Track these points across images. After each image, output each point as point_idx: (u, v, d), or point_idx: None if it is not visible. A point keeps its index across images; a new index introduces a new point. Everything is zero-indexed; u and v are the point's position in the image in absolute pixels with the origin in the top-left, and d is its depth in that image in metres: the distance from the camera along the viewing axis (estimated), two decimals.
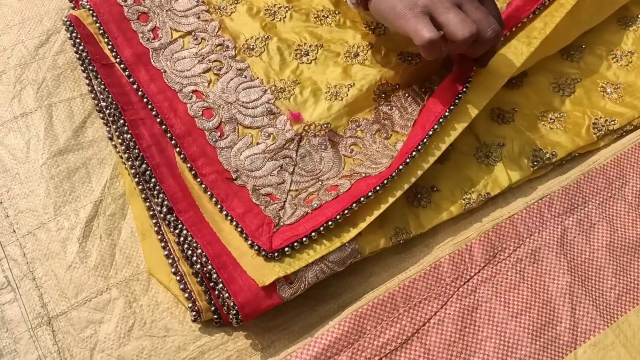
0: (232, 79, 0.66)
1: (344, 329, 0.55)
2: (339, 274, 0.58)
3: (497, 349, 0.55)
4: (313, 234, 0.55)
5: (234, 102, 0.64)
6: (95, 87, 0.65)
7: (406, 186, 0.58)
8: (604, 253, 0.61)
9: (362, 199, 0.56)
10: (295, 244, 0.54)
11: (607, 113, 0.69)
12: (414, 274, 0.58)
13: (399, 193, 0.58)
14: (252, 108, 0.64)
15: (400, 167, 0.57)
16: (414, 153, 0.58)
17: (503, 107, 0.68)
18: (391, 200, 0.57)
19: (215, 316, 0.55)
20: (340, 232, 0.56)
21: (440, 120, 0.59)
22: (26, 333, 0.54)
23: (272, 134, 0.62)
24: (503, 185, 0.63)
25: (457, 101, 0.60)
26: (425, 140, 0.59)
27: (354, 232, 0.56)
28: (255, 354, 0.55)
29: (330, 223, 0.55)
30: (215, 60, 0.67)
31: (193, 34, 0.68)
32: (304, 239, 0.55)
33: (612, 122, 0.68)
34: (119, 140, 0.61)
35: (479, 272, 0.59)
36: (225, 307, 0.54)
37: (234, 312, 0.52)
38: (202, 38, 0.68)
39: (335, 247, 0.55)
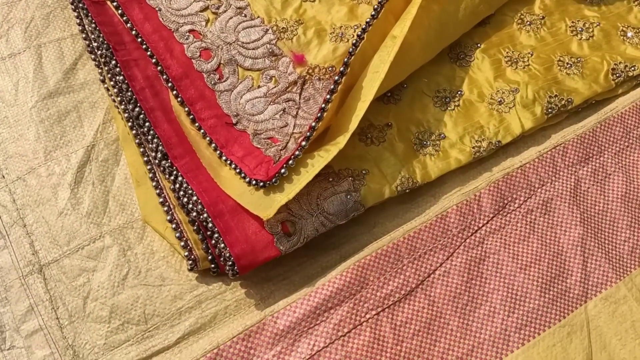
0: (231, 18, 0.62)
1: (346, 279, 0.53)
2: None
3: (504, 301, 0.54)
4: (303, 143, 0.52)
5: (234, 42, 0.61)
6: (86, 26, 0.62)
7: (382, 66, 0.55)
8: (619, 204, 0.59)
9: (332, 87, 0.54)
10: (290, 161, 0.52)
11: (627, 58, 0.65)
12: (420, 224, 0.56)
13: (383, 70, 0.54)
14: (253, 49, 0.60)
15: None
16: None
17: (517, 50, 0.65)
18: (375, 86, 0.54)
19: (213, 265, 0.53)
20: (335, 142, 0.53)
21: None
22: (17, 281, 0.53)
23: (274, 76, 0.59)
24: (515, 133, 0.60)
25: None
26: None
27: (347, 136, 0.53)
28: (254, 303, 0.53)
29: (314, 124, 0.53)
30: None
31: None
32: (297, 153, 0.52)
33: (632, 68, 0.64)
34: (112, 83, 0.59)
35: (487, 222, 0.57)
36: (222, 258, 0.52)
37: (230, 263, 0.51)
38: None
39: (333, 156, 0.52)
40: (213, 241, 0.52)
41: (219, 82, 0.59)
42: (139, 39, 0.60)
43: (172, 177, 0.54)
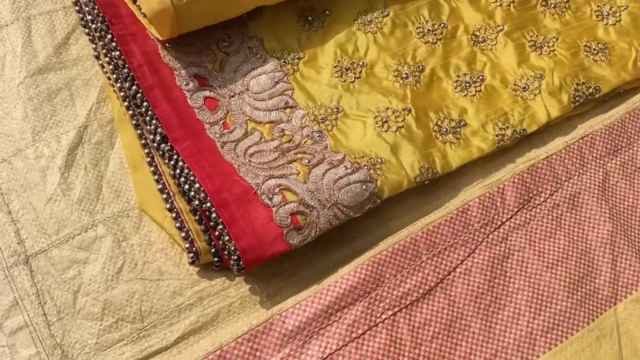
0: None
1: (360, 276, 0.49)
2: None
3: (529, 302, 0.50)
4: None
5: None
6: None
7: None
8: None
9: None
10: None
11: None
12: (439, 218, 0.52)
13: None
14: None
15: None
16: None
17: (542, 34, 0.61)
18: None
19: (216, 259, 0.49)
20: None
21: None
22: (0, 272, 0.49)
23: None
24: (541, 121, 0.57)
25: None
26: None
27: None
28: (260, 301, 0.50)
29: None
30: None
31: None
32: None
33: None
34: (107, 59, 0.55)
35: (511, 217, 0.53)
36: (226, 252, 0.48)
37: (235, 257, 0.47)
38: None
39: None
40: (217, 232, 0.48)
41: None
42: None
43: (172, 162, 0.50)
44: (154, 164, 0.52)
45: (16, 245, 0.50)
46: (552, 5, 0.63)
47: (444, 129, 0.56)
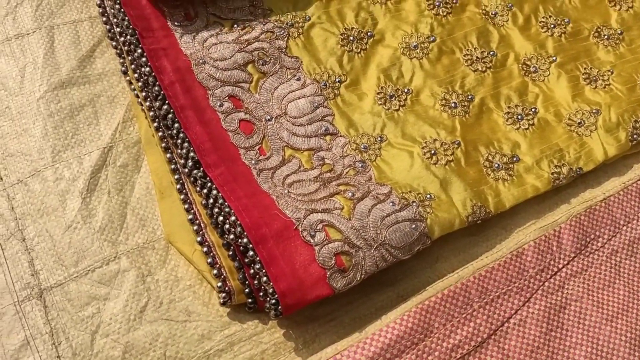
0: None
1: (407, 324, 0.45)
2: None
3: (588, 358, 0.46)
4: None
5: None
6: (108, 8, 0.56)
7: None
8: None
9: None
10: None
11: None
12: (492, 262, 0.48)
13: None
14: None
15: None
16: None
17: (596, 67, 0.58)
18: None
19: (250, 300, 0.45)
20: None
21: None
22: (11, 307, 0.46)
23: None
24: (598, 160, 0.54)
25: None
26: None
27: None
28: (296, 348, 0.46)
29: None
30: None
31: None
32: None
33: None
34: (135, 75, 0.52)
35: (568, 263, 0.50)
36: (262, 293, 0.43)
37: (273, 301, 0.43)
38: None
39: None
40: (252, 271, 0.44)
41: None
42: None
43: (205, 191, 0.47)
44: (184, 191, 0.49)
45: (29, 277, 0.46)
46: (605, 37, 0.60)
47: (496, 165, 0.52)
